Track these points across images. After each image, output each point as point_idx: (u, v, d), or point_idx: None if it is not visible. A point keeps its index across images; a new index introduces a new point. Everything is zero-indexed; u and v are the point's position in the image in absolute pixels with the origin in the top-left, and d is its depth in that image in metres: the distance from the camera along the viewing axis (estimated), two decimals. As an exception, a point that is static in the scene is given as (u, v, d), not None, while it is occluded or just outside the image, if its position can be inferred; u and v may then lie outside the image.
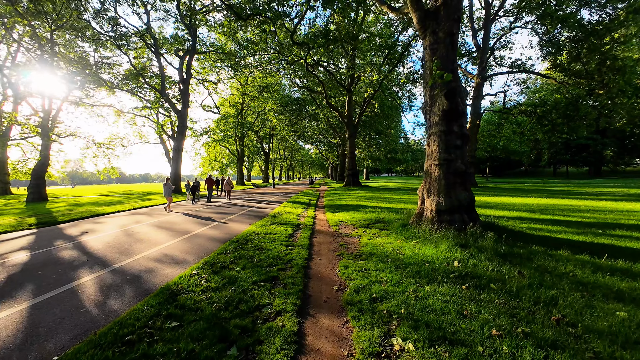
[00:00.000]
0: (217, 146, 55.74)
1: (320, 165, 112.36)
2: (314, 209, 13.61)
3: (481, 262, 4.37)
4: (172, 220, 10.50)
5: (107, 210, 14.32)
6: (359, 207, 12.57)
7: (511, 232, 6.63)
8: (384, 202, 14.42)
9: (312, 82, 34.13)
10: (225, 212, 12.83)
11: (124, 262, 5.28)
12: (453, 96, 6.68)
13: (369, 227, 8.21)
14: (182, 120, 29.93)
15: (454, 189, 6.64)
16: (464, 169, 6.77)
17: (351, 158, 31.24)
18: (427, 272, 4.12)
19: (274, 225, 8.77)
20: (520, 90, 29.69)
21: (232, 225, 9.33)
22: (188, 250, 6.11)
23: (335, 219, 9.91)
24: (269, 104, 46.82)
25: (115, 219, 11.66)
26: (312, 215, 11.35)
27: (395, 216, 9.16)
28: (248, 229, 8.12)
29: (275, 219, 10.09)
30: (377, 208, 12.02)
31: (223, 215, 11.59)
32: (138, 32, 27.81)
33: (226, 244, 6.40)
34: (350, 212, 11.02)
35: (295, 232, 7.86)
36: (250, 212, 12.57)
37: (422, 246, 5.47)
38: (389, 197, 17.49)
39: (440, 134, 6.85)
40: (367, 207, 12.67)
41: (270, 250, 5.77)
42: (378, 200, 15.56)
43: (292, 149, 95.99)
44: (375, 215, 9.82)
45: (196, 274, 4.38)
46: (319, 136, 65.69)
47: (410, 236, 6.39)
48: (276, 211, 12.20)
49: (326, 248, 6.21)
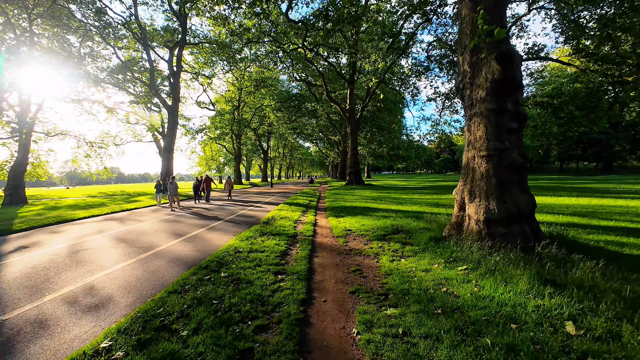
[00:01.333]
0: (214, 144, 53.91)
1: (321, 164, 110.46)
2: (315, 212, 11.74)
3: (608, 324, 2.49)
4: (142, 230, 8.63)
5: (80, 215, 12.47)
6: (368, 211, 10.69)
7: (584, 247, 4.76)
8: (395, 204, 12.54)
9: (311, 74, 32.16)
10: (211, 216, 10.96)
11: (14, 313, 3.41)
12: (508, 60, 4.78)
13: (386, 239, 6.34)
14: (173, 116, 28.03)
15: (509, 191, 4.76)
16: (522, 163, 4.89)
17: (353, 155, 29.34)
18: (524, 349, 2.24)
19: (263, 237, 6.90)
20: (532, 81, 27.69)
21: (212, 236, 7.46)
22: (132, 283, 4.24)
23: (340, 227, 8.04)
24: (267, 100, 44.85)
25: (81, 226, 9.80)
26: (312, 220, 9.48)
27: (418, 224, 7.28)
28: (229, 244, 6.25)
29: (267, 227, 8.22)
30: (389, 212, 10.14)
31: (206, 222, 9.72)
32: (125, 22, 25.89)
33: (191, 270, 4.53)
34: (358, 217, 9.15)
35: (290, 248, 6.00)
36: (240, 217, 10.70)
37: (482, 279, 3.59)
38: (399, 198, 15.61)
39: (488, 114, 4.96)
40: (377, 210, 10.78)
41: (250, 284, 3.90)
42: (387, 202, 13.67)
43: (292, 147, 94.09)
44: (390, 222, 7.93)
45: (107, 347, 2.49)
46: (319, 133, 63.78)
47: (452, 258, 4.50)
48: (270, 216, 10.33)
49: (332, 277, 4.33)
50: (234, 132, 45.10)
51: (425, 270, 4.17)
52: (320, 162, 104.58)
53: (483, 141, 4.99)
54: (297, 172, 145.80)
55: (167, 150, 27.79)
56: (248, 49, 34.03)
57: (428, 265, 4.38)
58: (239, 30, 23.98)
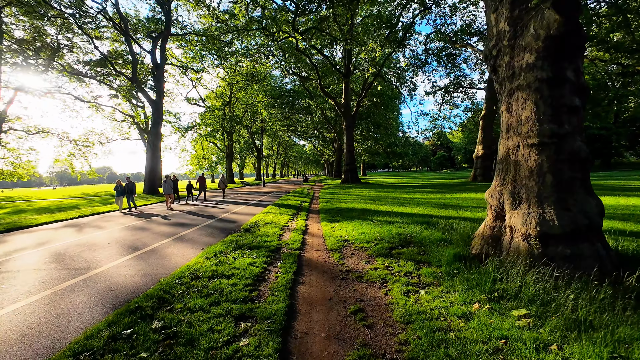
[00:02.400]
0: (205, 142, 52.12)
1: (316, 162, 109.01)
2: (306, 216, 10.30)
3: None
4: (94, 242, 7.09)
5: (40, 221, 10.87)
6: (367, 214, 9.26)
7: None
8: (397, 205, 11.15)
9: (304, 68, 30.61)
10: (186, 222, 9.43)
11: None
12: (572, 6, 3.38)
13: (393, 254, 4.92)
14: (158, 111, 26.31)
15: (573, 193, 3.37)
16: (587, 154, 3.50)
17: (349, 152, 27.94)
18: None
19: (238, 251, 5.43)
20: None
21: (174, 251, 5.97)
22: (9, 342, 2.75)
23: (335, 235, 6.61)
24: (259, 96, 43.16)
25: (30, 235, 8.22)
26: (302, 226, 8.03)
27: (431, 233, 5.86)
28: (189, 264, 4.77)
29: (246, 236, 6.76)
30: (391, 215, 8.73)
31: (176, 229, 8.20)
32: (102, 9, 24.04)
33: (111, 316, 3.05)
34: (355, 223, 7.73)
35: (269, 269, 4.55)
36: (219, 223, 9.20)
37: (567, 339, 2.18)
38: (400, 198, 14.23)
39: (539, 86, 3.55)
40: (377, 213, 9.36)
41: (190, 347, 2.45)
42: (388, 202, 12.28)
43: (287, 145, 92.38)
44: (396, 229, 6.51)
45: None
46: (314, 131, 62.27)
47: (497, 292, 3.08)
48: (254, 221, 8.85)
49: (323, 327, 2.89)
50: (225, 129, 43.35)
51: (463, 316, 2.75)
52: (316, 160, 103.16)
53: (532, 124, 3.58)
54: (292, 171, 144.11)
55: (151, 148, 26.07)
56: (239, 43, 32.39)
57: (463, 304, 2.97)
58: (225, 17, 22.39)
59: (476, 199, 11.86)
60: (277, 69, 36.32)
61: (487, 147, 21.65)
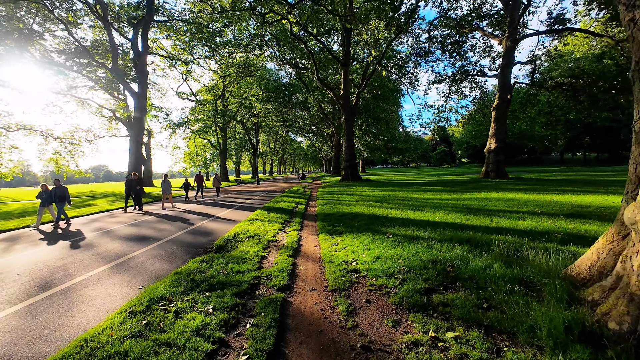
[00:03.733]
0: (197, 139, 49.99)
1: (314, 158, 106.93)
2: (300, 223, 8.35)
3: None
4: (10, 264, 5.13)
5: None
6: (377, 222, 7.32)
7: None
8: (410, 209, 9.22)
9: (300, 56, 28.49)
10: (150, 234, 7.45)
11: None
12: None
13: (435, 307, 2.99)
14: (140, 104, 24.15)
15: None
16: None
17: (349, 147, 25.95)
18: None
19: (189, 296, 3.49)
20: (549, 61, 24.53)
21: (94, 294, 3.99)
22: None
23: (339, 259, 4.67)
24: (254, 90, 40.98)
25: None
26: (294, 241, 6.10)
27: (485, 262, 3.87)
28: (95, 330, 2.84)
29: (214, 262, 4.81)
30: (409, 224, 6.80)
31: (130, 247, 6.23)
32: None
33: None
34: (364, 237, 5.80)
35: (227, 345, 2.64)
36: (189, 236, 7.22)
37: None
38: (411, 198, 12.30)
39: None
40: (390, 221, 7.42)
41: None
42: (398, 204, 10.34)
43: (283, 142, 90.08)
44: (424, 250, 4.57)
45: None
46: (311, 126, 60.16)
47: None
48: (233, 233, 6.90)
49: None
50: (218, 124, 41.19)
51: None
52: (314, 156, 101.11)
53: None
54: (290, 167, 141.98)
55: (135, 143, 23.95)
56: (230, 34, 30.08)
57: None
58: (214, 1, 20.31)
59: (503, 201, 9.97)
60: (271, 61, 34.03)
61: (501, 140, 19.73)
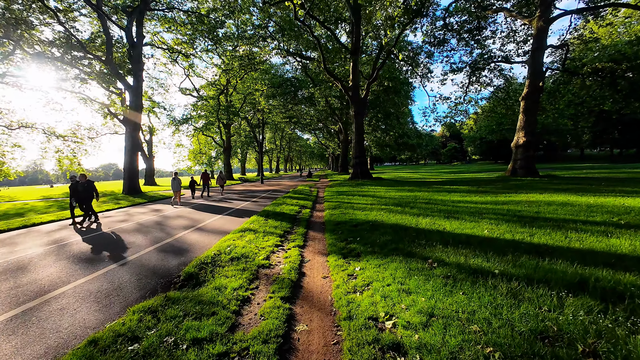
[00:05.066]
0: (201, 136, 48.64)
1: (320, 156, 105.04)
2: (304, 236, 6.54)
3: None
4: None
5: None
6: (406, 237, 5.42)
7: None
8: (443, 217, 7.30)
9: (306, 45, 26.59)
10: (110, 250, 5.75)
11: None
12: None
13: None
14: (136, 98, 22.70)
15: None
16: None
17: (358, 142, 23.99)
18: None
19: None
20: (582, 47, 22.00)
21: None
22: None
23: (363, 316, 2.81)
24: (258, 85, 39.23)
25: None
26: (293, 269, 4.29)
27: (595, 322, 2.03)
28: None
29: (164, 315, 3.04)
30: (452, 240, 4.91)
31: (71, 273, 4.54)
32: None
33: None
34: (396, 265, 3.96)
35: None
36: (157, 257, 5.46)
37: None
38: (436, 201, 10.32)
39: None
40: (424, 235, 5.52)
41: None
42: (425, 210, 8.42)
43: (290, 139, 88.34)
44: (506, 306, 2.71)
45: None
46: (318, 123, 58.27)
47: None
48: (215, 251, 5.12)
49: None
50: (221, 120, 39.64)
51: None
52: (320, 154, 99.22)
53: None
54: (297, 165, 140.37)
55: (130, 140, 22.52)
56: (234, 26, 28.30)
57: None
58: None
59: (557, 206, 7.95)
60: (276, 55, 32.14)
61: (531, 134, 17.50)
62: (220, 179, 19.18)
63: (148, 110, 39.80)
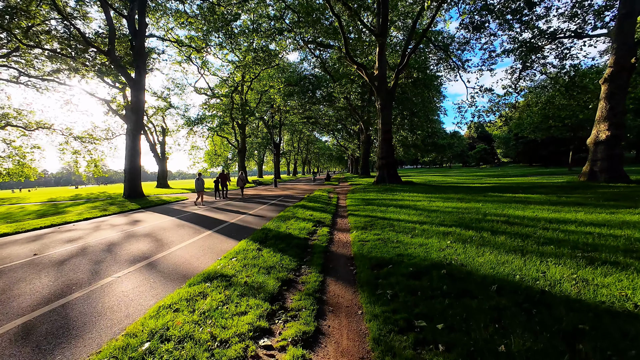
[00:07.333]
0: (216, 137, 46.97)
1: (339, 158, 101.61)
2: (316, 301, 3.33)
3: None
4: None
5: None
6: (543, 317, 2.22)
7: None
8: (571, 254, 3.94)
9: (323, 33, 23.60)
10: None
11: None
12: None
13: None
14: (138, 93, 20.66)
15: None
16: None
17: (385, 141, 20.51)
18: None
19: None
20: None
21: None
22: None
23: None
24: (275, 82, 36.76)
25: None
26: None
27: None
28: None
29: None
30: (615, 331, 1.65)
31: None
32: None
33: None
34: None
35: None
36: (85, 319, 2.61)
37: None
38: (516, 221, 6.83)
39: None
40: (560, 306, 2.28)
41: None
42: (512, 235, 5.05)
43: (308, 141, 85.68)
44: None
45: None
46: (336, 123, 55.17)
47: None
48: (150, 347, 2.17)
49: None
50: (235, 120, 37.50)
51: None
52: (339, 156, 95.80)
53: None
54: (315, 168, 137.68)
55: (131, 139, 20.46)
56: (246, 16, 25.87)
57: None
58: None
59: None
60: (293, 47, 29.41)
61: (617, 126, 13.37)
62: (241, 180, 19.18)
63: (162, 111, 38.42)
